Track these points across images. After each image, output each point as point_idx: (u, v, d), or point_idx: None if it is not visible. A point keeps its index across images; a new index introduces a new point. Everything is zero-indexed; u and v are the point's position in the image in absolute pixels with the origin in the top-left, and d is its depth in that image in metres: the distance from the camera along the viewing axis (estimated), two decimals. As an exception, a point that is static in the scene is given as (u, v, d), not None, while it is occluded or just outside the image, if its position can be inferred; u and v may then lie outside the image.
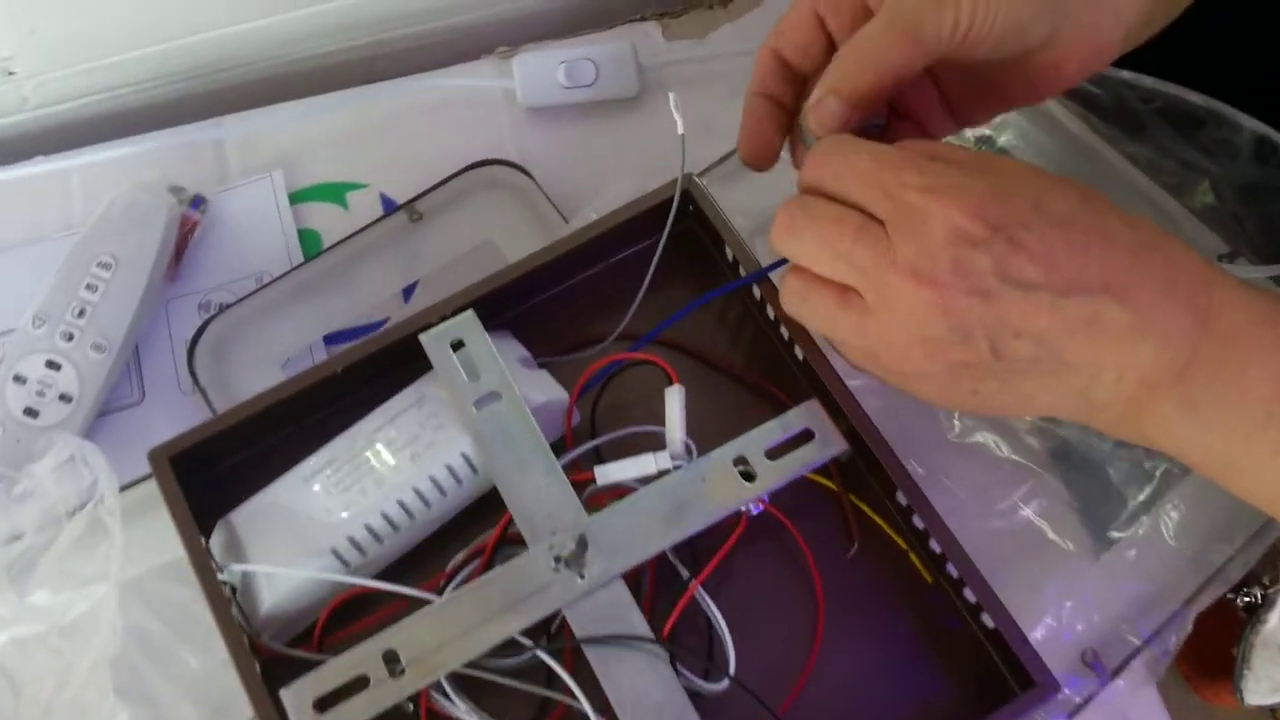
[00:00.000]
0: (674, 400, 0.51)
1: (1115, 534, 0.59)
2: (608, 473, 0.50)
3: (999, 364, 0.42)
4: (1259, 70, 0.67)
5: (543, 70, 0.72)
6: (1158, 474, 0.60)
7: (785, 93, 0.51)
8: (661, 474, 0.50)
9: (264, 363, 0.65)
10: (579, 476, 0.51)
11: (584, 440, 0.54)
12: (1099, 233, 0.41)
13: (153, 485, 0.54)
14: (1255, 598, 0.71)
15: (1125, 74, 0.68)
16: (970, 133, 0.70)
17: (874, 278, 0.42)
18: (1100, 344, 0.41)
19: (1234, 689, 0.78)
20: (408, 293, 0.68)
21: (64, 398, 0.62)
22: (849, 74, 0.46)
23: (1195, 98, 0.67)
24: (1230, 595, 0.73)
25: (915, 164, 0.42)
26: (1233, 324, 0.42)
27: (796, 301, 0.46)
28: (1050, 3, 0.47)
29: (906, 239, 0.41)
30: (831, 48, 0.49)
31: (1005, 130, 0.70)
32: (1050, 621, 0.56)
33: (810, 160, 0.45)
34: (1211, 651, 1.02)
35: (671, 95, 0.55)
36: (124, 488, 0.57)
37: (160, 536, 0.54)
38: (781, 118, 0.51)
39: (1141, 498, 0.60)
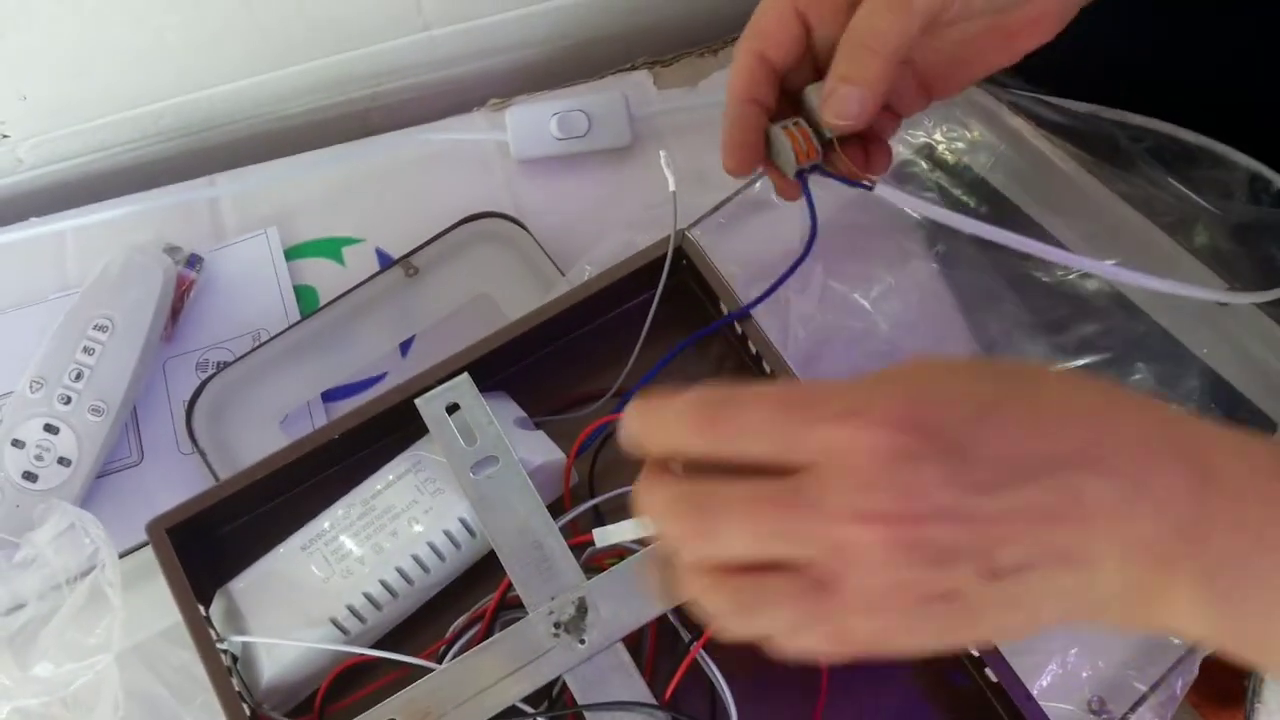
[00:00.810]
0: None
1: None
2: (607, 534, 0.49)
3: (991, 586, 0.35)
4: (1251, 107, 0.67)
5: (535, 122, 0.72)
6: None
7: (770, 95, 0.51)
8: (660, 536, 0.50)
9: (263, 421, 0.65)
10: (578, 539, 0.51)
11: (582, 500, 0.54)
12: (1051, 404, 0.36)
13: (151, 551, 0.54)
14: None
15: (1116, 113, 0.69)
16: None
17: (819, 542, 0.35)
18: (1092, 525, 0.35)
19: (1244, 722, 0.78)
20: (405, 347, 0.68)
21: (63, 461, 0.62)
22: (859, 60, 0.46)
23: (1187, 135, 0.68)
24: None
25: (811, 394, 0.36)
26: (1238, 476, 0.35)
27: (747, 610, 0.37)
28: None
29: (838, 481, 0.34)
30: (809, 43, 0.50)
31: (997, 171, 0.70)
32: (1055, 669, 0.56)
33: (697, 419, 0.37)
34: (1222, 681, 1.02)
35: (662, 153, 0.55)
36: (124, 554, 0.57)
37: (162, 601, 0.54)
38: (765, 123, 0.51)
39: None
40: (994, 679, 0.49)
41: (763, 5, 0.50)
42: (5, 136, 0.72)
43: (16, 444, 0.62)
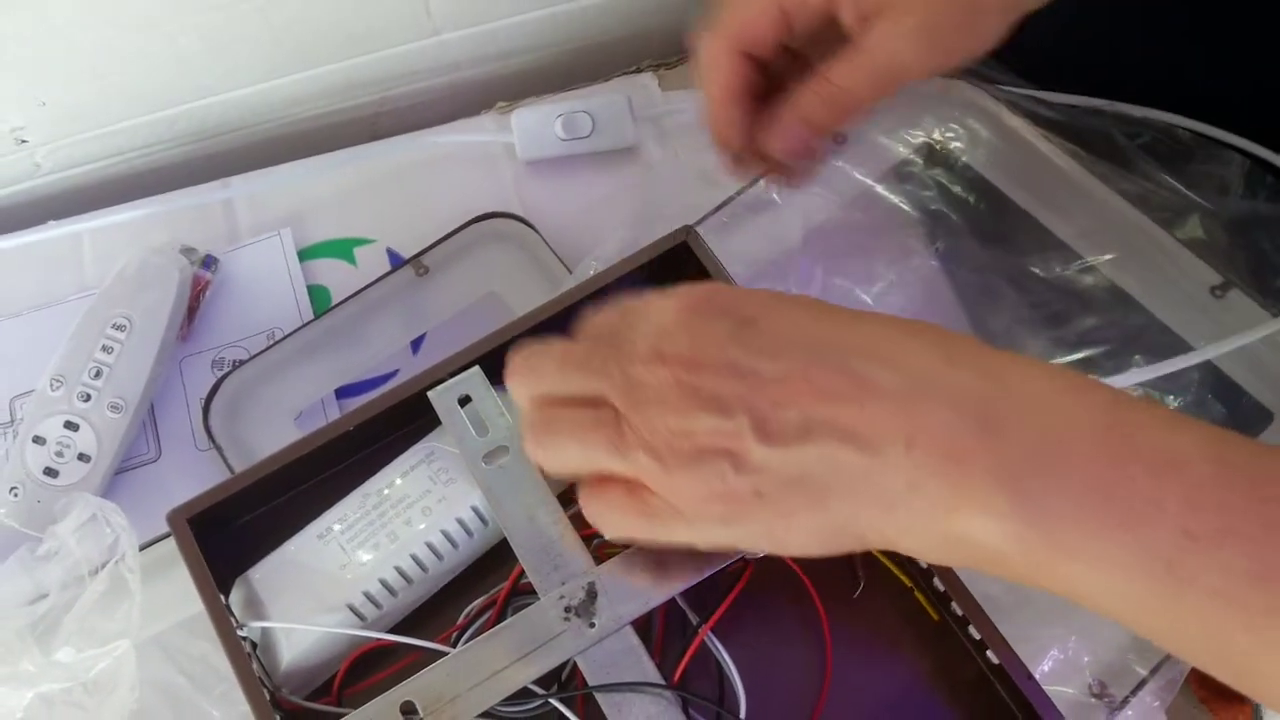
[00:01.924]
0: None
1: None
2: (615, 522, 0.51)
3: (771, 450, 0.37)
4: (1246, 97, 0.68)
5: (540, 124, 0.73)
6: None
7: (750, 94, 0.51)
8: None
9: (277, 417, 0.66)
10: (588, 531, 0.52)
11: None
12: (848, 315, 0.39)
13: (171, 543, 0.56)
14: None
15: (1113, 105, 0.70)
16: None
17: (614, 377, 0.40)
18: (874, 406, 0.36)
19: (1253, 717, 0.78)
20: (416, 345, 0.69)
21: (82, 457, 0.64)
22: (823, 114, 0.49)
23: (1184, 125, 0.69)
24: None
25: (632, 303, 0.42)
26: (1035, 392, 0.37)
27: (542, 430, 0.44)
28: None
29: (644, 329, 0.39)
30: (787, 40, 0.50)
31: (995, 169, 0.71)
32: (1057, 654, 0.57)
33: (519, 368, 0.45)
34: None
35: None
36: (144, 546, 0.58)
37: (180, 592, 0.55)
38: (750, 117, 0.52)
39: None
40: (995, 661, 0.50)
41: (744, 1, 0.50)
42: (24, 142, 0.74)
43: (38, 440, 0.64)
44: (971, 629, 0.51)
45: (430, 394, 0.54)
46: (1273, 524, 0.33)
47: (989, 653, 0.50)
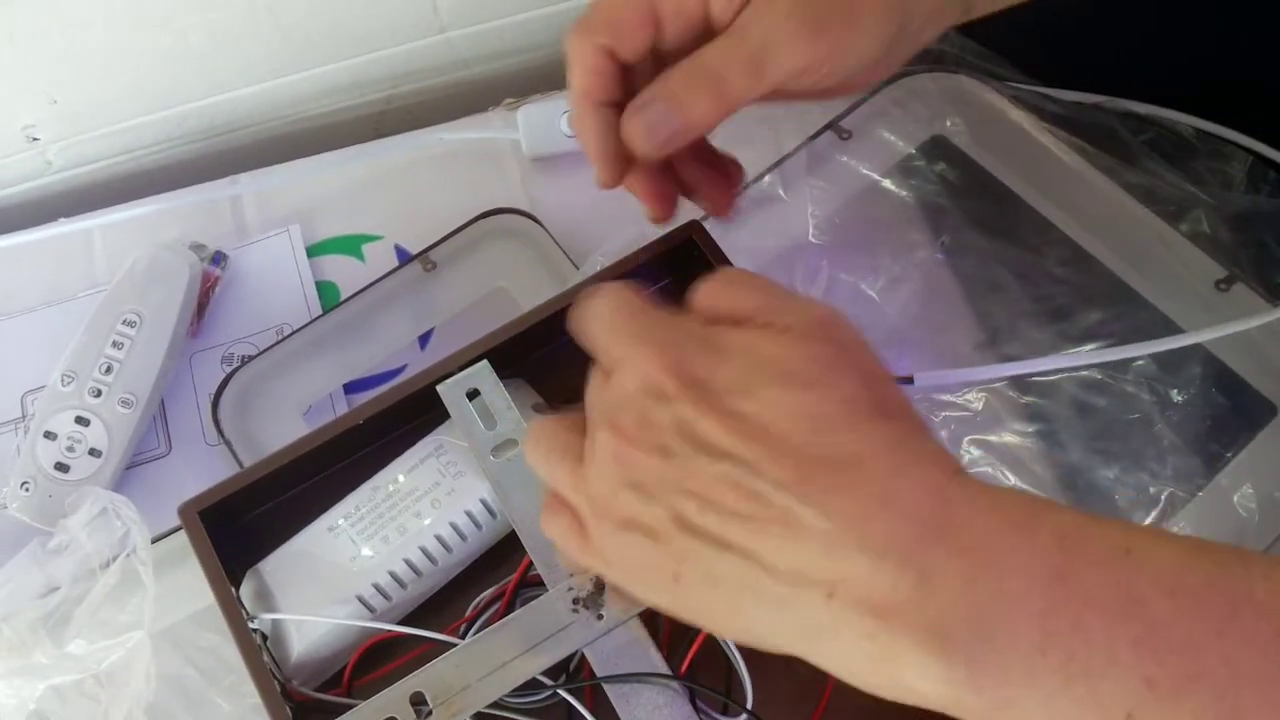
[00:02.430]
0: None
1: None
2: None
3: (689, 540, 0.36)
4: (1249, 92, 0.68)
5: (546, 120, 0.74)
6: (1163, 498, 0.61)
7: (623, 96, 0.47)
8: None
9: (286, 412, 0.67)
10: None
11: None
12: (811, 423, 0.35)
13: (181, 537, 0.56)
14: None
15: (1117, 102, 0.71)
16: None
17: (587, 426, 0.40)
18: (798, 546, 0.34)
19: None
20: (424, 340, 0.70)
21: (93, 452, 0.64)
22: (696, 92, 0.44)
23: (1187, 120, 0.69)
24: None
25: (641, 314, 0.40)
26: (979, 531, 0.33)
27: (534, 447, 0.43)
28: (899, 31, 0.46)
29: (611, 394, 0.38)
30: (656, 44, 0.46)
31: (1000, 164, 0.72)
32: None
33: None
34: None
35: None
36: (155, 539, 0.58)
37: (191, 585, 0.56)
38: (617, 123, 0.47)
39: (1147, 521, 0.61)
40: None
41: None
42: (35, 139, 0.74)
43: (49, 436, 0.64)
44: (976, 620, 0.51)
45: (439, 388, 0.55)
46: (1237, 662, 0.31)
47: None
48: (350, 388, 0.68)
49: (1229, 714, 0.30)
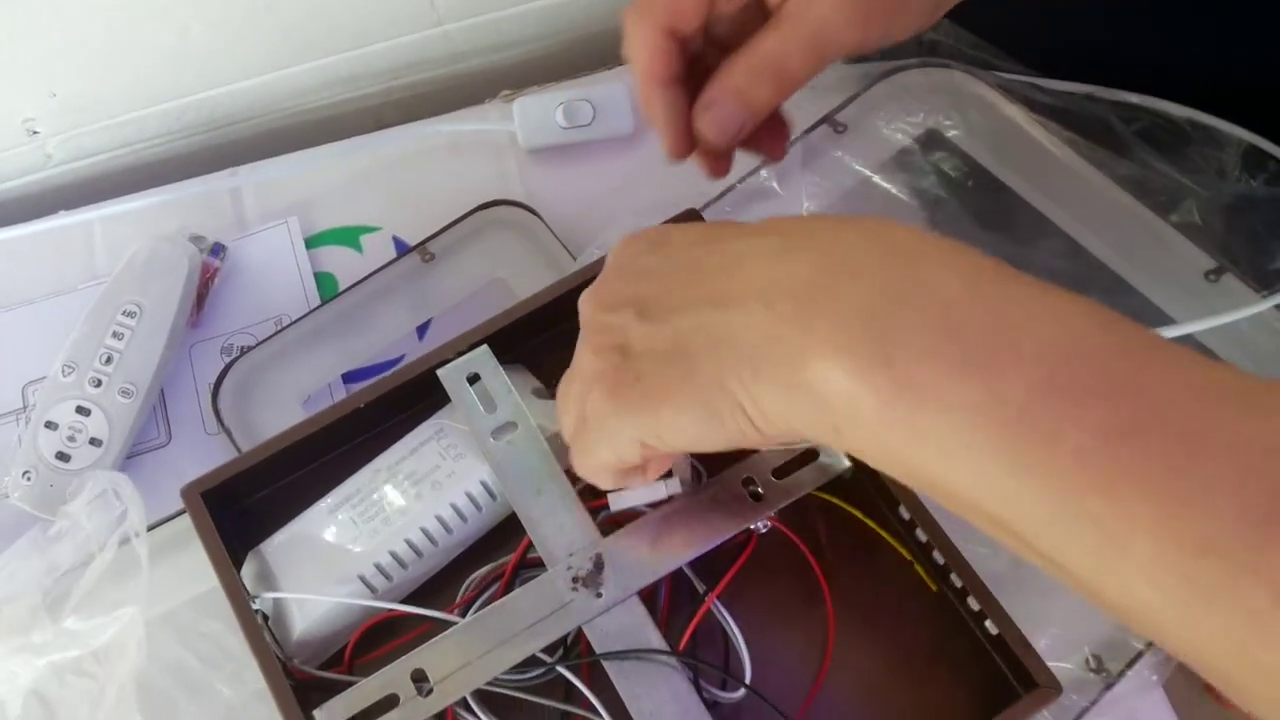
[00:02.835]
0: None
1: (1114, 542, 0.60)
2: (621, 498, 0.52)
3: (647, 329, 0.40)
4: (1242, 82, 0.69)
5: (542, 112, 0.75)
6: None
7: (684, 71, 0.49)
8: (672, 498, 0.52)
9: (285, 402, 0.67)
10: (593, 503, 0.53)
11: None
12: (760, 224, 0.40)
13: (182, 522, 0.57)
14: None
15: (1110, 92, 0.71)
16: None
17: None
18: (743, 270, 0.37)
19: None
20: (422, 330, 0.70)
21: (94, 442, 0.65)
22: (758, 83, 0.47)
23: (1179, 111, 0.70)
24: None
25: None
26: (909, 244, 0.35)
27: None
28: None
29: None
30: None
31: (993, 157, 0.72)
32: (1055, 630, 0.58)
33: None
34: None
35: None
36: (154, 525, 0.59)
37: (190, 571, 0.56)
38: (682, 100, 0.49)
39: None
40: (994, 631, 0.51)
41: None
42: (35, 133, 0.75)
43: (50, 425, 0.65)
44: (970, 600, 0.52)
45: (440, 372, 0.55)
46: (1144, 381, 0.31)
47: (987, 623, 0.51)
48: (349, 378, 0.69)
49: (1126, 426, 0.30)
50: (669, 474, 0.52)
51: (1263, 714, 0.31)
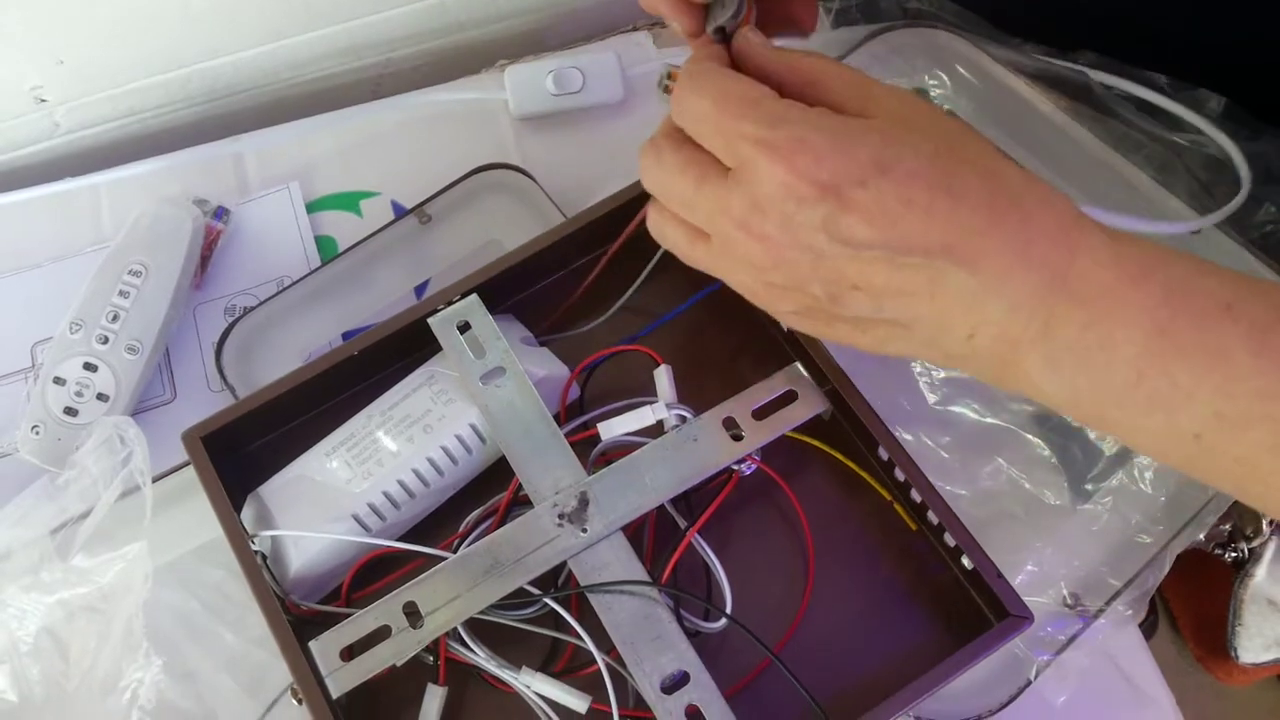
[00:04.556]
0: (663, 377, 0.55)
1: (1093, 485, 0.62)
2: (610, 427, 0.54)
3: (840, 312, 0.43)
4: (1223, 48, 0.70)
5: (532, 80, 0.76)
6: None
7: None
8: (659, 423, 0.54)
9: (287, 360, 0.69)
10: (584, 434, 0.55)
11: (577, 414, 0.58)
12: (947, 190, 0.40)
13: (185, 474, 0.58)
14: (1241, 552, 0.74)
15: (1091, 57, 0.72)
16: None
17: (715, 225, 0.43)
18: (942, 304, 0.41)
19: (1228, 648, 0.80)
20: (420, 290, 0.72)
21: (101, 397, 0.67)
22: None
23: (1158, 83, 0.71)
24: (1218, 551, 0.76)
25: (755, 112, 0.41)
26: (1098, 284, 0.40)
27: (656, 231, 0.48)
28: None
29: (740, 191, 0.41)
30: None
31: (980, 117, 0.74)
32: (1033, 568, 0.60)
33: (674, 95, 0.45)
34: (1222, 630, 1.04)
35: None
36: (158, 477, 0.60)
37: (194, 521, 0.58)
38: None
39: (1116, 450, 0.63)
40: (969, 566, 0.53)
41: None
42: (43, 101, 0.76)
43: (58, 381, 0.67)
44: (947, 536, 0.53)
45: (431, 320, 0.57)
46: None
47: (963, 559, 0.53)
48: (348, 336, 0.71)
49: (1278, 445, 0.38)
50: (656, 401, 0.54)
51: None
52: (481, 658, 0.52)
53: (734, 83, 0.43)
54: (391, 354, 0.59)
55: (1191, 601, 1.21)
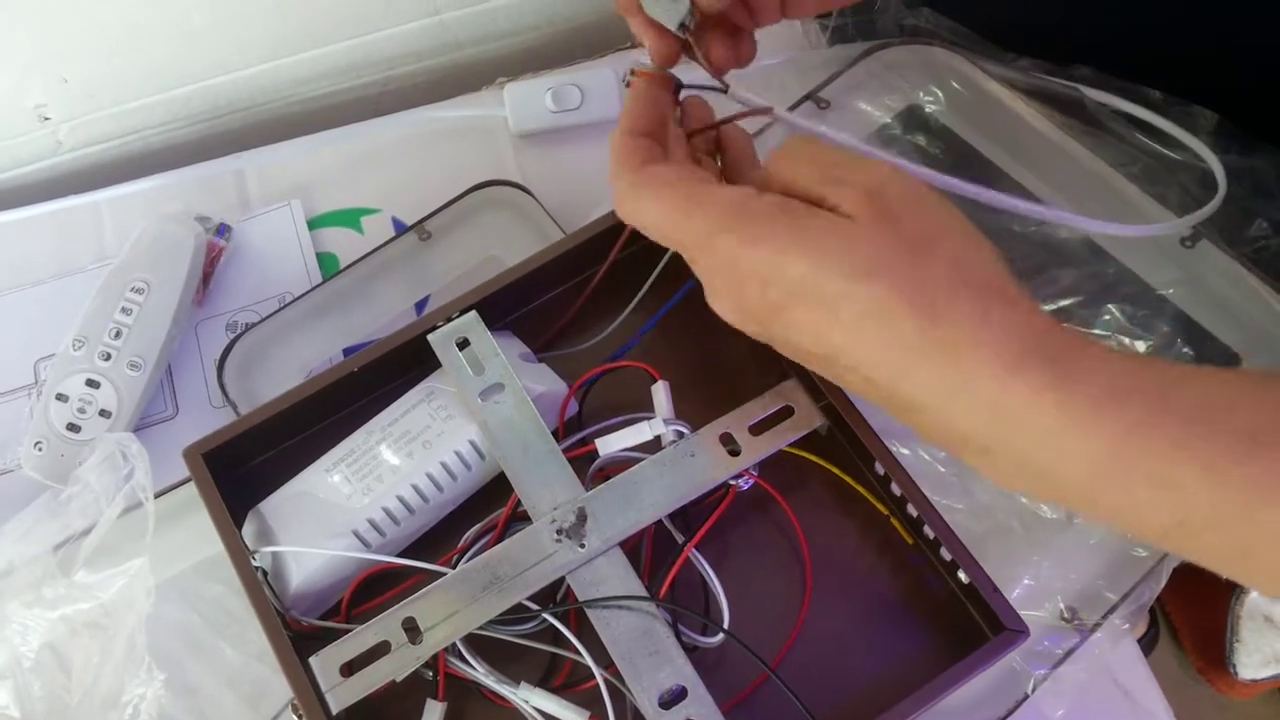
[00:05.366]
0: (660, 393, 0.56)
1: (1089, 499, 0.62)
2: (608, 443, 0.54)
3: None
4: (1213, 60, 0.71)
5: (531, 97, 0.77)
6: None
7: None
8: (657, 439, 0.54)
9: (288, 376, 0.70)
10: (582, 450, 0.55)
11: (575, 430, 0.58)
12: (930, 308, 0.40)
13: (186, 491, 0.59)
14: (1237, 568, 0.74)
15: (1086, 72, 0.73)
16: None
17: (691, 253, 0.46)
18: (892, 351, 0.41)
19: (1226, 664, 0.81)
20: (420, 306, 0.72)
21: (103, 413, 0.67)
22: None
23: (1152, 93, 0.71)
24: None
25: (699, 204, 0.45)
26: (1041, 432, 0.39)
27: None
28: None
29: (701, 268, 0.46)
30: None
31: (973, 131, 0.74)
32: (1029, 582, 0.60)
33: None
34: (1222, 643, 1.04)
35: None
36: (160, 493, 0.61)
37: (196, 537, 0.59)
38: None
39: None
40: (965, 580, 0.53)
41: None
42: (46, 119, 0.77)
43: (61, 398, 0.67)
44: (943, 551, 0.54)
45: (430, 337, 0.57)
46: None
47: (960, 573, 0.53)
48: (349, 352, 0.71)
49: (1244, 550, 0.37)
50: (653, 416, 0.54)
51: None
52: (480, 673, 0.52)
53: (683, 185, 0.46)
54: (391, 370, 0.59)
55: (1192, 614, 1.21)
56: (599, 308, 0.61)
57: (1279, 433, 0.37)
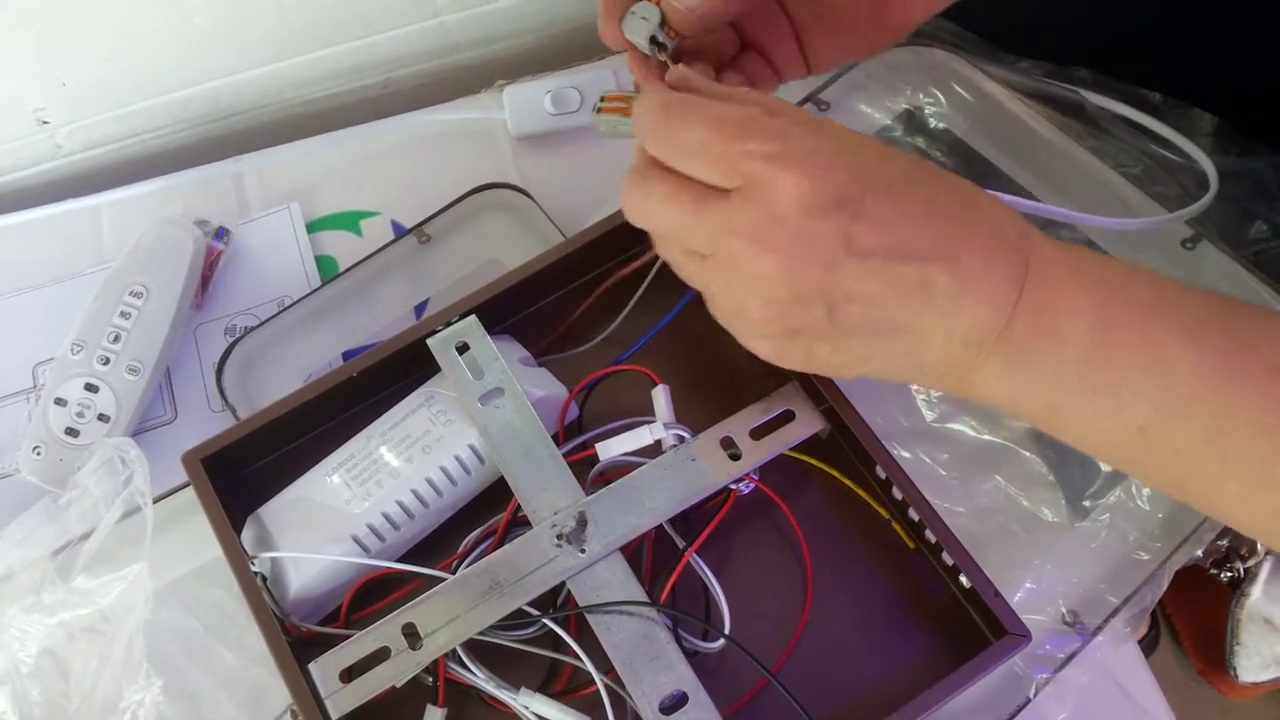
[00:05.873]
0: (661, 397, 0.56)
1: (1090, 503, 0.62)
2: (609, 447, 0.54)
3: (833, 328, 0.43)
4: (1213, 63, 0.71)
5: (531, 100, 0.77)
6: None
7: None
8: (657, 443, 0.54)
9: (287, 380, 0.69)
10: (582, 455, 0.55)
11: (575, 434, 0.58)
12: (930, 200, 0.43)
13: (185, 495, 0.59)
14: (1237, 571, 0.74)
15: (1086, 75, 0.73)
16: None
17: (720, 245, 0.43)
18: (929, 308, 0.43)
19: (1227, 667, 0.80)
20: (419, 310, 0.72)
21: (102, 417, 0.67)
22: None
23: (1152, 95, 0.71)
24: (1214, 570, 0.76)
25: (756, 131, 0.42)
26: (1049, 279, 0.43)
27: (662, 253, 0.48)
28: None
29: (750, 208, 0.42)
30: None
31: (974, 133, 0.74)
32: (1031, 586, 0.60)
33: (650, 128, 0.45)
34: (1223, 645, 1.04)
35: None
36: (159, 498, 0.61)
37: (195, 542, 0.59)
38: None
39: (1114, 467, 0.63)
40: (967, 584, 0.53)
41: None
42: (45, 123, 0.77)
43: (59, 402, 0.67)
44: (945, 555, 0.53)
45: (430, 341, 0.57)
46: (1228, 393, 0.41)
47: (961, 577, 0.53)
48: (348, 356, 0.71)
49: (1214, 434, 0.41)
50: (654, 420, 0.54)
51: None
52: (481, 679, 0.52)
53: (724, 107, 0.43)
54: (391, 375, 0.59)
55: (1193, 616, 1.21)
56: (600, 311, 0.61)
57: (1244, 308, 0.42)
